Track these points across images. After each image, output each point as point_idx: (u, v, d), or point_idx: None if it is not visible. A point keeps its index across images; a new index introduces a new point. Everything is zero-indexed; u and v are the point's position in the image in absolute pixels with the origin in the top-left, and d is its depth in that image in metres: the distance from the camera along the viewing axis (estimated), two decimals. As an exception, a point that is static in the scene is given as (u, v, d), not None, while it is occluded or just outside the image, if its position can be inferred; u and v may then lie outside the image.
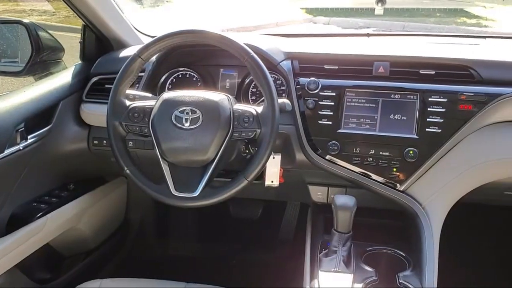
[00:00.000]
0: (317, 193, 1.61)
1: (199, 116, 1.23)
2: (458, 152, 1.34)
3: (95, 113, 1.59)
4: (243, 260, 2.23)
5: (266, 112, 1.24)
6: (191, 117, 1.23)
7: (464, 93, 1.32)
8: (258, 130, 1.24)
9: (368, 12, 1.93)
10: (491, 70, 1.35)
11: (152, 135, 1.25)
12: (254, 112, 1.25)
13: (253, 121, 1.24)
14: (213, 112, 1.23)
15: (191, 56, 1.63)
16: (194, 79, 1.64)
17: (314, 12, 2.52)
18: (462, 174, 1.35)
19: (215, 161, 1.23)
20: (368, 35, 1.80)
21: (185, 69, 1.64)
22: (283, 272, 1.73)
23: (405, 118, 1.36)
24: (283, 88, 1.54)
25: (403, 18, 2.20)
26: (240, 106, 1.28)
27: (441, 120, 1.32)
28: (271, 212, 2.29)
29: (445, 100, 1.33)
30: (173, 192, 1.23)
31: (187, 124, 1.22)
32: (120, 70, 1.30)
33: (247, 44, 1.29)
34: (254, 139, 1.26)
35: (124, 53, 1.67)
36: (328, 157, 1.40)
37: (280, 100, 1.29)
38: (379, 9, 1.74)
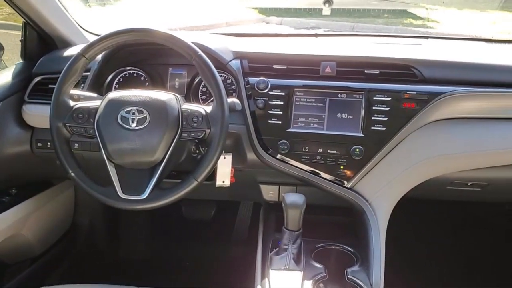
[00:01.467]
0: (269, 192, 1.62)
1: (146, 116, 1.20)
2: (402, 149, 1.38)
3: (38, 114, 1.53)
4: (196, 261, 2.21)
5: (215, 111, 1.23)
6: (137, 117, 1.20)
7: (407, 92, 1.36)
8: (208, 130, 1.23)
9: (316, 13, 1.96)
10: (433, 69, 1.40)
11: (98, 137, 1.21)
12: (203, 112, 1.24)
13: (202, 121, 1.23)
14: (161, 112, 1.21)
15: (139, 55, 1.60)
16: (142, 78, 1.61)
17: (266, 12, 2.53)
18: (406, 171, 1.39)
19: (164, 162, 1.21)
20: (316, 35, 1.83)
21: (133, 68, 1.61)
22: (236, 272, 1.73)
23: (351, 117, 1.39)
24: (233, 87, 1.54)
25: (352, 19, 2.25)
26: (189, 106, 1.26)
27: (386, 119, 1.36)
28: (224, 212, 2.29)
29: (389, 99, 1.37)
30: (120, 195, 1.20)
31: (133, 125, 1.20)
32: (63, 70, 1.26)
33: (195, 43, 1.28)
34: (204, 139, 1.25)
35: (68, 52, 1.61)
36: (278, 156, 1.41)
37: (230, 100, 1.28)
38: (326, 10, 1.77)
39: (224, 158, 1.40)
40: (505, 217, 2.20)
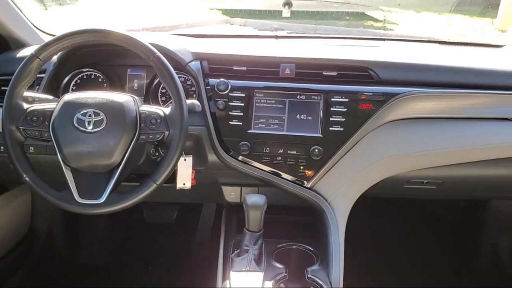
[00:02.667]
0: (231, 194, 1.62)
1: (102, 118, 1.18)
2: (359, 149, 1.41)
3: None
4: (159, 264, 2.19)
5: (174, 113, 1.23)
6: (94, 119, 1.18)
7: (364, 93, 1.39)
8: (166, 132, 1.22)
9: (278, 14, 1.97)
10: (388, 71, 1.43)
11: (53, 140, 1.18)
12: (162, 114, 1.23)
13: (160, 123, 1.22)
14: (118, 114, 1.19)
15: (97, 56, 1.57)
16: (100, 80, 1.57)
17: (230, 13, 2.53)
18: (363, 170, 1.42)
19: (122, 165, 1.19)
20: (276, 37, 1.84)
21: (90, 69, 1.57)
22: (199, 275, 1.72)
23: (310, 118, 1.41)
24: (193, 89, 1.53)
25: (315, 21, 2.28)
26: (147, 108, 1.25)
27: (343, 119, 1.39)
28: (187, 214, 2.27)
29: (346, 100, 1.39)
30: (77, 199, 1.18)
31: (90, 127, 1.17)
32: (16, 71, 1.23)
33: (153, 44, 1.27)
34: (163, 141, 1.24)
35: (22, 53, 1.57)
36: (239, 157, 1.42)
37: (189, 101, 1.28)
38: (286, 12, 1.78)
39: (185, 160, 1.39)
40: (460, 214, 2.28)
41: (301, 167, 1.42)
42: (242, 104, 1.41)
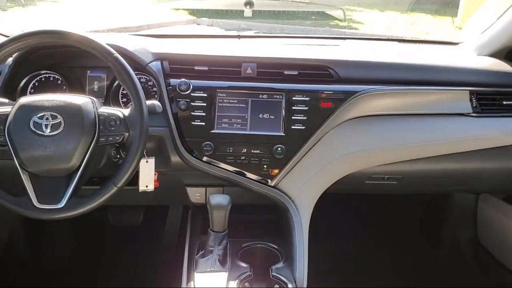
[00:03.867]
0: (195, 195, 1.62)
1: (60, 121, 1.16)
2: (321, 146, 1.43)
3: None
4: (126, 268, 2.16)
5: (133, 114, 1.21)
6: (51, 122, 1.16)
7: (324, 92, 1.41)
8: (126, 134, 1.21)
9: (237, 14, 1.97)
10: (347, 69, 1.46)
11: (9, 144, 1.15)
12: (121, 115, 1.22)
13: (120, 125, 1.21)
14: (76, 117, 1.17)
15: (55, 58, 1.53)
16: (59, 82, 1.54)
17: (197, 13, 2.51)
18: (325, 167, 1.44)
19: (81, 168, 1.17)
20: (239, 36, 1.84)
21: (48, 72, 1.54)
22: (165, 277, 1.71)
23: (273, 117, 1.42)
24: (155, 89, 1.52)
25: (281, 21, 2.29)
26: (106, 109, 1.23)
27: (305, 118, 1.40)
28: (153, 217, 2.25)
29: (307, 98, 1.41)
30: (35, 204, 1.15)
31: (47, 131, 1.15)
32: None
33: (111, 45, 1.25)
34: (123, 143, 1.22)
35: None
36: (203, 158, 1.41)
37: (149, 102, 1.27)
38: (247, 12, 1.79)
39: (147, 162, 1.37)
40: (423, 208, 2.34)
41: (265, 166, 1.42)
42: (205, 104, 1.41)
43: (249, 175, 1.44)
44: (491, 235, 1.96)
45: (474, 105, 1.50)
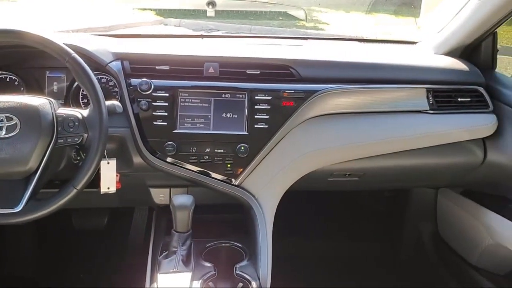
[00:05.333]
0: (159, 195, 1.60)
1: (16, 123, 1.13)
2: (284, 145, 1.45)
3: None
4: (90, 272, 2.12)
5: (92, 115, 1.20)
6: (6, 124, 1.13)
7: (286, 91, 1.43)
8: (85, 135, 1.19)
9: (201, 14, 1.97)
10: (308, 69, 1.48)
11: None
12: (80, 116, 1.20)
13: (79, 126, 1.19)
14: (33, 118, 1.15)
15: (11, 58, 1.49)
16: (16, 83, 1.50)
17: (164, 14, 2.49)
18: (288, 165, 1.46)
19: (39, 171, 1.15)
20: (202, 36, 1.84)
21: (4, 72, 1.49)
22: (131, 280, 1.68)
23: (236, 116, 1.42)
24: (116, 90, 1.50)
25: (249, 21, 2.30)
26: (64, 110, 1.21)
27: (267, 117, 1.42)
28: (119, 219, 2.22)
29: (269, 97, 1.42)
30: None
31: (2, 133, 1.12)
32: None
33: (69, 45, 1.23)
34: (82, 144, 1.20)
35: None
36: (165, 158, 1.40)
37: (109, 102, 1.25)
38: (210, 11, 1.79)
39: (108, 163, 1.35)
40: (385, 203, 2.39)
41: (229, 165, 1.43)
42: (166, 104, 1.40)
43: (213, 174, 1.43)
44: (450, 229, 2.03)
45: (431, 102, 1.55)
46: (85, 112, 1.21)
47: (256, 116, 1.42)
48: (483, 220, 1.71)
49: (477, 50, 1.72)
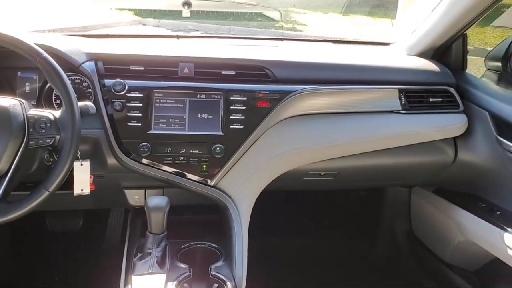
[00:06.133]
0: (134, 197, 1.59)
1: None
2: (259, 145, 1.45)
3: None
4: (65, 275, 2.09)
5: (65, 116, 1.18)
6: None
7: (261, 91, 1.44)
8: (58, 136, 1.18)
9: (177, 14, 1.96)
10: (283, 70, 1.49)
11: None
12: (52, 117, 1.19)
13: (51, 127, 1.17)
14: (3, 120, 1.12)
15: None
16: None
17: (142, 14, 2.47)
18: (264, 165, 1.47)
19: (10, 173, 1.13)
20: (178, 37, 1.83)
21: None
22: (106, 283, 1.67)
23: (211, 116, 1.42)
24: (89, 90, 1.48)
25: (228, 22, 2.30)
26: (36, 111, 1.19)
27: (243, 117, 1.42)
28: (94, 221, 2.19)
29: (245, 98, 1.43)
30: None
31: None
32: None
33: (41, 45, 1.22)
34: (55, 146, 1.19)
35: None
36: (140, 159, 1.39)
37: (82, 103, 1.24)
38: (186, 12, 1.78)
39: (81, 164, 1.34)
40: (361, 203, 2.42)
41: (204, 166, 1.43)
42: (141, 105, 1.39)
43: (188, 175, 1.43)
44: (424, 227, 2.07)
45: (403, 102, 1.58)
46: (57, 113, 1.19)
47: (231, 117, 1.42)
48: (454, 218, 1.75)
49: (448, 51, 1.76)
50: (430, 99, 1.61)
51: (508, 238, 1.47)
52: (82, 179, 1.35)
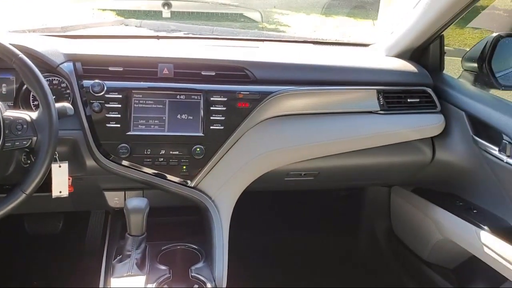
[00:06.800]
0: (114, 199, 1.58)
1: None
2: (240, 146, 1.46)
3: None
4: (44, 279, 2.06)
5: (42, 117, 1.17)
6: None
7: (241, 92, 1.44)
8: (34, 138, 1.17)
9: (157, 15, 1.96)
10: (263, 70, 1.50)
11: None
12: (29, 119, 1.17)
13: (27, 128, 1.16)
14: None
15: None
16: None
17: (124, 14, 2.46)
18: (244, 166, 1.47)
19: None
20: (158, 37, 1.83)
21: None
22: (85, 285, 1.65)
23: (191, 117, 1.42)
24: (68, 91, 1.47)
25: (211, 23, 2.29)
26: (12, 113, 1.18)
27: (223, 118, 1.42)
28: (75, 223, 2.17)
29: (225, 99, 1.42)
30: None
31: None
32: None
33: (18, 46, 1.21)
34: (32, 147, 1.17)
35: None
36: (118, 161, 1.38)
37: (60, 104, 1.23)
38: (166, 12, 1.77)
39: (59, 166, 1.32)
40: (342, 202, 2.44)
41: (184, 167, 1.42)
42: (120, 106, 1.38)
43: (168, 177, 1.42)
44: (403, 225, 2.09)
45: (381, 103, 1.60)
46: (34, 115, 1.18)
47: (211, 117, 1.42)
48: (432, 217, 1.78)
49: (426, 52, 1.79)
50: (408, 100, 1.63)
51: (484, 236, 1.50)
52: (60, 181, 1.34)
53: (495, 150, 1.50)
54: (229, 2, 2.28)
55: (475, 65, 1.74)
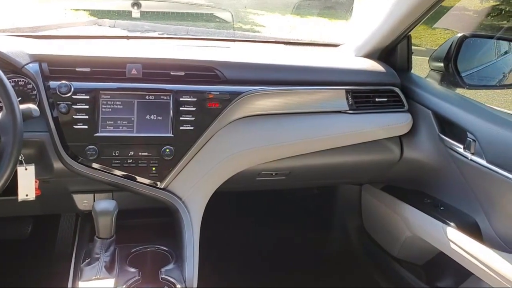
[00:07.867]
0: (83, 201, 1.56)
1: None
2: (210, 146, 1.45)
3: None
4: (14, 284, 2.01)
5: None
6: None
7: (211, 92, 1.44)
8: None
9: (126, 15, 1.93)
10: (233, 71, 1.50)
11: None
12: None
13: None
14: None
15: None
16: None
17: (98, 14, 2.42)
18: (215, 167, 1.47)
19: None
20: (127, 37, 1.81)
21: None
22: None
23: (160, 118, 1.41)
24: (34, 93, 1.44)
25: (186, 23, 2.28)
26: None
27: (193, 118, 1.42)
28: (44, 227, 2.12)
29: (195, 99, 1.42)
30: None
31: None
32: None
33: None
34: None
35: None
36: (86, 163, 1.36)
37: (25, 106, 1.20)
38: (135, 12, 1.76)
39: (26, 169, 1.30)
40: (314, 200, 2.46)
41: (154, 168, 1.41)
42: (87, 107, 1.36)
43: (138, 178, 1.41)
44: (374, 223, 2.12)
45: (350, 103, 1.62)
46: None
47: (181, 118, 1.41)
48: (402, 214, 1.81)
49: (393, 52, 1.82)
50: (376, 99, 1.66)
51: (450, 233, 1.54)
52: (27, 184, 1.32)
53: (460, 148, 1.54)
54: (199, 2, 2.27)
55: (442, 64, 1.78)
